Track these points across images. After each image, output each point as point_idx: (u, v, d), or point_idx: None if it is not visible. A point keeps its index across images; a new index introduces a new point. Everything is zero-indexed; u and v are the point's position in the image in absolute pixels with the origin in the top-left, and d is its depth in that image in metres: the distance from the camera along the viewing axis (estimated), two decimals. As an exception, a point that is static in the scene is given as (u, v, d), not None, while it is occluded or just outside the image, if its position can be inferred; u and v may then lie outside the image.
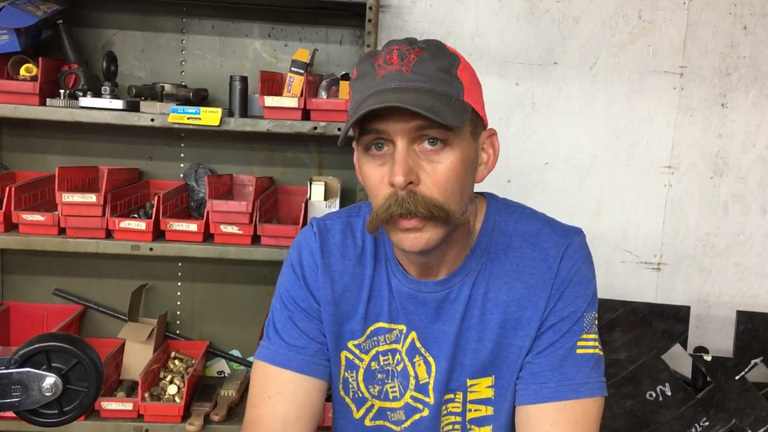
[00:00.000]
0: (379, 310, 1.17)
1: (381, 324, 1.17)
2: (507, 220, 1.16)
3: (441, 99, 0.99)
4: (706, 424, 2.14)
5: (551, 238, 1.13)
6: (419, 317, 1.15)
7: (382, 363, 1.18)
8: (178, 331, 2.35)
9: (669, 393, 2.14)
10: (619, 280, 2.39)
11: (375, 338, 1.18)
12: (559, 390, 1.09)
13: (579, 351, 1.11)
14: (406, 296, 1.15)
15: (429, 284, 1.13)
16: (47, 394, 0.90)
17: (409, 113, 0.96)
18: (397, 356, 1.17)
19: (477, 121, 1.06)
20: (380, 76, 1.00)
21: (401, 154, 0.99)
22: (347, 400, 1.21)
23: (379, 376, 1.19)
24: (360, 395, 1.20)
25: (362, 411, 1.21)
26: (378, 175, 1.02)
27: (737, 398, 2.14)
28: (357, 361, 1.19)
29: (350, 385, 1.20)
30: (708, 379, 2.16)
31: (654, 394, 2.15)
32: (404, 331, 1.16)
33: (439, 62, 1.01)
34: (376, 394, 1.19)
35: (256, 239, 2.00)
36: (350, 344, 1.19)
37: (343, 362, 1.19)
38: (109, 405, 1.95)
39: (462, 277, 1.13)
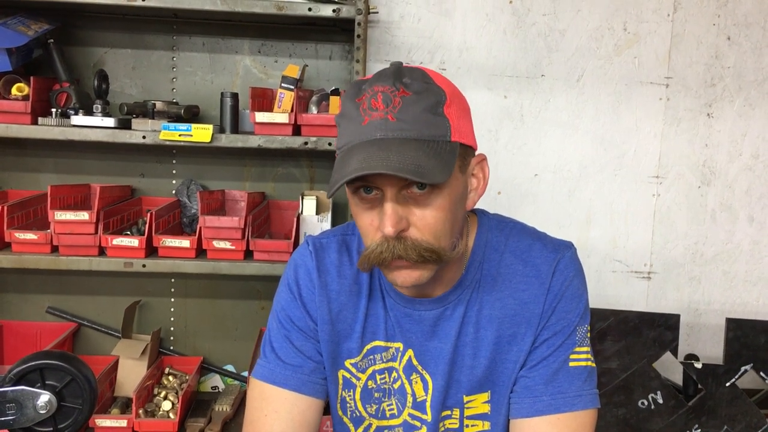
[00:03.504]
0: (375, 328, 1.17)
1: (378, 342, 1.18)
2: (498, 237, 1.17)
3: (426, 149, 0.98)
4: (698, 431, 2.15)
5: (542, 254, 1.14)
6: (415, 335, 1.16)
7: (378, 382, 1.19)
8: (171, 347, 2.35)
9: (661, 401, 2.16)
10: (610, 289, 2.41)
11: (371, 357, 1.18)
12: (553, 403, 1.10)
13: (572, 364, 1.12)
14: (402, 314, 1.16)
15: (424, 302, 1.14)
16: (42, 411, 0.91)
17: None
18: (394, 374, 1.18)
19: (466, 153, 1.05)
20: (365, 124, 0.99)
21: (390, 205, 0.99)
22: (345, 419, 1.22)
23: (376, 394, 1.19)
24: (358, 414, 1.21)
25: (360, 430, 1.22)
26: (368, 219, 1.03)
27: (728, 405, 2.15)
28: (354, 380, 1.19)
29: (348, 405, 1.21)
30: (699, 386, 2.17)
31: (646, 402, 2.16)
32: (401, 349, 1.17)
33: (425, 103, 0.99)
34: (374, 413, 1.20)
35: (248, 254, 2.01)
36: (347, 363, 1.19)
37: (341, 381, 1.20)
38: (103, 422, 1.95)
39: (457, 295, 1.14)
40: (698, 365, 2.17)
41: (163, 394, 2.08)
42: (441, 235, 1.02)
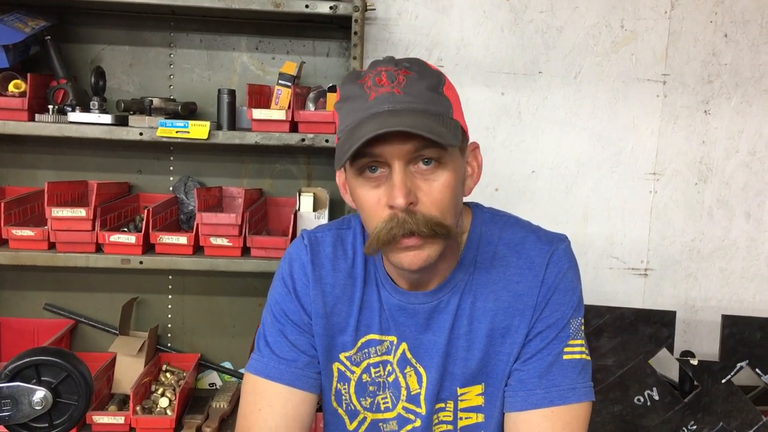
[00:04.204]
0: (369, 321, 1.18)
1: (372, 336, 1.18)
2: (492, 230, 1.17)
3: (436, 119, 1.00)
4: (694, 427, 2.16)
5: (536, 246, 1.15)
6: (409, 328, 1.16)
7: (373, 375, 1.19)
8: (169, 344, 2.35)
9: (657, 397, 2.16)
10: (607, 286, 2.41)
11: (366, 350, 1.19)
12: (546, 396, 1.10)
13: (566, 357, 1.12)
14: (397, 308, 1.16)
15: (418, 295, 1.15)
16: (37, 407, 0.91)
17: (405, 136, 0.97)
18: (389, 367, 1.18)
19: (463, 136, 1.08)
20: (372, 99, 1.00)
21: (399, 176, 1.00)
22: (340, 411, 1.22)
23: (371, 388, 1.20)
24: (353, 408, 1.21)
25: (355, 423, 1.22)
26: (374, 198, 1.03)
27: (724, 401, 2.16)
28: (348, 374, 1.20)
29: (343, 397, 1.21)
30: (695, 383, 2.18)
31: (642, 399, 2.17)
32: (395, 342, 1.17)
33: (428, 81, 1.02)
34: (368, 406, 1.21)
35: (245, 251, 2.01)
36: (342, 356, 1.20)
37: (336, 374, 1.20)
38: (100, 419, 1.95)
39: (451, 288, 1.15)
40: (694, 362, 2.17)
41: (160, 390, 2.09)
42: (447, 210, 1.03)
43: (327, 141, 1.93)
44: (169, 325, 2.35)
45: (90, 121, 1.92)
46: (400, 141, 0.98)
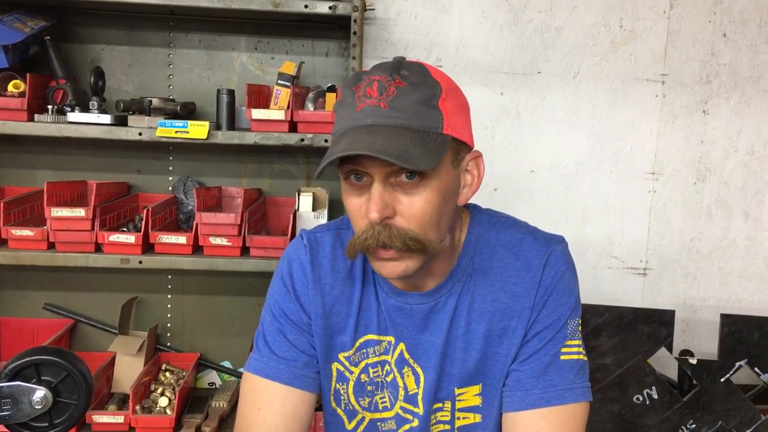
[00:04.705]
0: (368, 322, 1.18)
1: (370, 336, 1.18)
2: (490, 231, 1.18)
3: (415, 137, 0.99)
4: (693, 426, 2.17)
5: (533, 248, 1.15)
6: (407, 329, 1.17)
7: (371, 375, 1.20)
8: (168, 344, 2.35)
9: (656, 396, 2.17)
10: (606, 285, 2.41)
11: (364, 350, 1.19)
12: (544, 396, 1.11)
13: (563, 357, 1.12)
14: (394, 308, 1.16)
15: (416, 296, 1.15)
16: (37, 407, 0.91)
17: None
18: (387, 367, 1.19)
19: (459, 148, 1.06)
20: (358, 110, 1.01)
21: (377, 190, 1.00)
22: (339, 411, 1.23)
23: (369, 388, 1.20)
24: (351, 407, 1.22)
25: (354, 423, 1.22)
26: (356, 205, 1.04)
27: (723, 400, 2.16)
28: (347, 374, 1.20)
29: (342, 397, 1.22)
30: (694, 382, 2.18)
31: (641, 398, 2.17)
32: (393, 343, 1.17)
33: (420, 94, 1.01)
34: (367, 406, 1.21)
35: (245, 251, 2.01)
36: (341, 356, 1.20)
37: (335, 374, 1.21)
38: (100, 418, 1.96)
39: (448, 289, 1.15)
40: (693, 361, 2.17)
41: (160, 390, 2.09)
42: (427, 226, 1.03)
43: (326, 141, 1.93)
44: (169, 325, 2.35)
45: (89, 121, 1.92)
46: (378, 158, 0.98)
